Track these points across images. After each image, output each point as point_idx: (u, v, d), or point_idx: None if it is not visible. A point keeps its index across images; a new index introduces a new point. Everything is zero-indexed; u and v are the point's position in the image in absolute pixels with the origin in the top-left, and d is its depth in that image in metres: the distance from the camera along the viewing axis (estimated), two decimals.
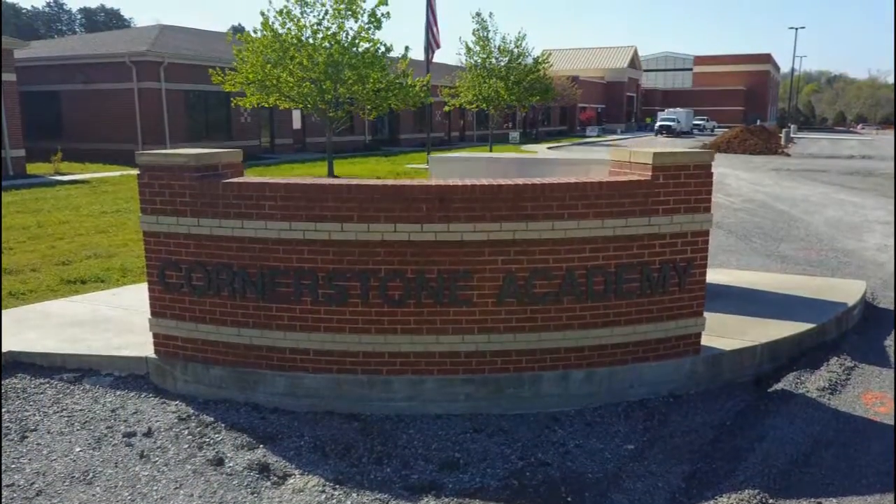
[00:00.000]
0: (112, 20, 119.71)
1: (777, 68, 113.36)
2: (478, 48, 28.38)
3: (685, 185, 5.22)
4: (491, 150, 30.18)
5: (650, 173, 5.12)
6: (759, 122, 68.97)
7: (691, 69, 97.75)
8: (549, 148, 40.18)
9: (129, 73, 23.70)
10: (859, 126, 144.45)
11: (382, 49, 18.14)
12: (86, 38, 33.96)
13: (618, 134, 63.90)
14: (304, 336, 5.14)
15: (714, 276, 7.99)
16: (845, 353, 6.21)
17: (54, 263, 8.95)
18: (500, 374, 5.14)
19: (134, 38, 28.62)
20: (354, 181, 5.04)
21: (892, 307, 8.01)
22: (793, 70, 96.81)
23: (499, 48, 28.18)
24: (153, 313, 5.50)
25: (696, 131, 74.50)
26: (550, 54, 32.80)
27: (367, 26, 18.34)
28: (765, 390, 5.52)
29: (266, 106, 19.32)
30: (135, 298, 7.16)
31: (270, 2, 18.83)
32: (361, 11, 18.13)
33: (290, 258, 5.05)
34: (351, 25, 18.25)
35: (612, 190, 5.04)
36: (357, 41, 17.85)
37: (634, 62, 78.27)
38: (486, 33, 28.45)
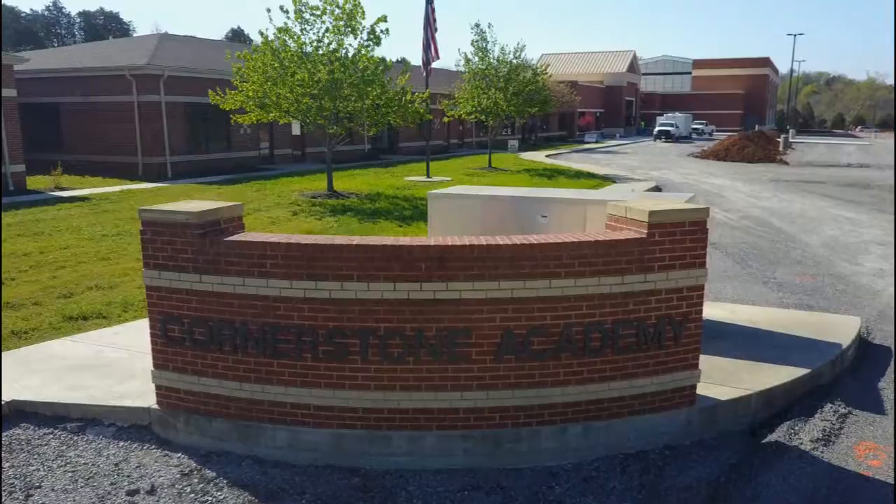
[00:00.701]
0: (111, 24, 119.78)
1: (776, 71, 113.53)
2: (476, 59, 28.46)
3: (681, 241, 5.29)
4: (490, 160, 30.25)
5: (646, 231, 5.20)
6: (756, 127, 69.13)
7: (690, 73, 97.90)
8: (548, 156, 40.27)
9: (128, 87, 23.77)
10: (857, 129, 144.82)
11: (382, 66, 18.20)
12: (85, 48, 34.01)
13: (616, 139, 64.00)
14: (304, 391, 5.21)
15: (712, 310, 8.08)
16: (839, 399, 6.28)
17: (56, 296, 9.02)
18: (498, 429, 5.21)
19: (133, 49, 28.67)
20: (355, 240, 5.12)
21: (886, 343, 8.09)
22: (791, 73, 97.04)
23: (498, 59, 28.23)
24: (155, 365, 5.57)
25: (694, 136, 74.65)
26: (549, 65, 32.88)
27: (366, 43, 18.42)
28: (759, 441, 5.60)
29: (264, 121, 19.37)
30: (136, 337, 7.23)
31: (270, 20, 18.68)
32: (361, 28, 18.21)
33: (290, 315, 5.12)
34: (350, 42, 18.34)
35: (609, 248, 5.12)
36: (357, 58, 17.91)
37: (633, 66, 78.38)
38: (484, 44, 28.53)
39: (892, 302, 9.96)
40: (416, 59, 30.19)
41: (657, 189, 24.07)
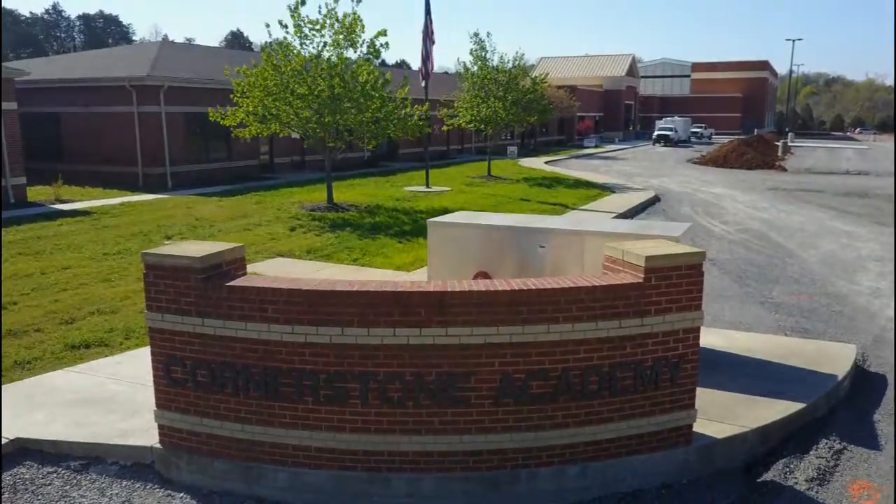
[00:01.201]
0: (110, 27, 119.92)
1: (774, 74, 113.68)
2: (476, 68, 28.53)
3: (677, 285, 5.36)
4: (489, 168, 30.29)
5: (643, 275, 5.27)
6: (756, 132, 69.31)
7: (689, 76, 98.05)
8: (547, 162, 40.34)
9: (129, 97, 23.83)
10: (856, 130, 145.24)
11: (382, 80, 18.28)
12: (86, 56, 34.05)
13: (615, 143, 64.07)
14: (305, 434, 5.27)
15: (708, 338, 8.15)
16: (834, 434, 6.35)
17: (58, 322, 9.08)
18: (496, 471, 5.27)
19: (133, 58, 28.74)
20: (356, 285, 5.18)
21: (882, 370, 8.17)
22: (790, 77, 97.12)
23: (497, 68, 28.30)
24: (158, 405, 5.64)
25: (693, 139, 74.82)
26: (548, 73, 32.94)
27: (366, 56, 18.50)
28: (755, 480, 5.67)
29: (264, 135, 19.44)
30: (138, 367, 7.30)
31: (270, 34, 18.76)
32: (360, 42, 18.29)
33: (292, 360, 5.19)
34: (350, 55, 18.41)
35: (606, 294, 5.19)
36: (357, 72, 17.98)
37: (632, 70, 78.48)
38: (483, 53, 28.61)
39: (887, 325, 10.03)
40: (414, 60, 30.09)
41: (657, 199, 24.16)
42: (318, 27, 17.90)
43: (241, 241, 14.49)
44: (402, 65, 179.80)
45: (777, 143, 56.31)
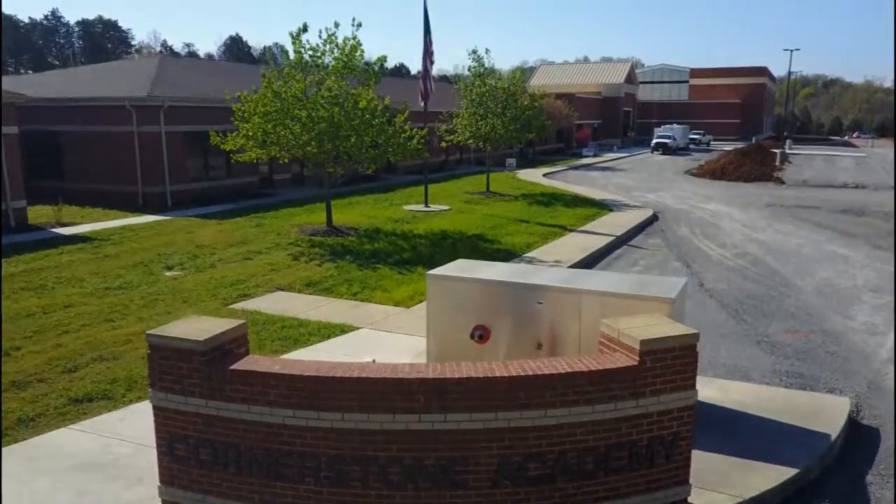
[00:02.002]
0: (109, 31, 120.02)
1: (773, 79, 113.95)
2: (475, 85, 28.67)
3: (671, 366, 5.47)
4: (488, 184, 30.38)
5: (637, 358, 5.37)
6: (753, 140, 69.48)
7: (687, 81, 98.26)
8: (546, 175, 40.45)
9: (128, 117, 23.91)
10: (854, 134, 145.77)
11: (381, 105, 18.39)
12: (85, 71, 34.15)
13: (614, 151, 64.18)
14: None
15: (704, 390, 8.22)
16: (827, 501, 6.45)
17: (60, 370, 9.17)
18: None
19: (132, 74, 28.85)
20: (356, 371, 5.28)
21: (875, 423, 8.28)
22: (788, 83, 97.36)
23: (496, 85, 28.44)
24: (162, 480, 5.73)
25: (692, 146, 75.02)
26: (546, 94, 33.05)
27: (366, 82, 18.63)
28: None
29: (264, 159, 19.54)
30: (141, 426, 7.36)
31: (271, 60, 18.86)
32: (361, 69, 18.40)
33: (294, 442, 5.29)
34: (351, 82, 18.53)
35: (602, 377, 5.29)
36: (356, 98, 18.10)
37: (631, 77, 78.68)
38: (482, 69, 28.74)
39: (881, 368, 10.15)
40: (412, 63, 30.57)
41: (655, 218, 24.27)
42: (319, 53, 18.02)
43: (241, 271, 14.74)
44: (400, 68, 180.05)
45: (775, 151, 56.53)
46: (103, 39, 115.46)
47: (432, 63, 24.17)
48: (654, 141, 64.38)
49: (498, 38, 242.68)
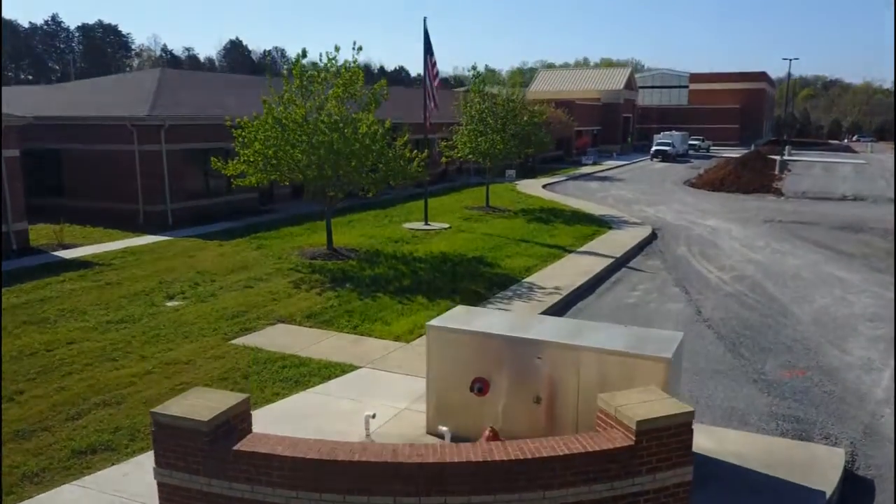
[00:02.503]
0: (109, 36, 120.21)
1: (772, 84, 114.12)
2: (474, 101, 28.81)
3: (667, 444, 5.57)
4: (487, 199, 30.46)
5: (634, 437, 5.47)
6: (753, 146, 69.60)
7: (687, 86, 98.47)
8: (545, 186, 40.56)
9: (129, 136, 24.02)
10: (854, 137, 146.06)
11: (382, 130, 18.50)
12: (86, 86, 34.22)
13: (613, 158, 64.30)
14: None
15: (700, 440, 8.32)
16: None
17: (64, 418, 9.27)
18: None
19: (132, 89, 28.93)
20: (356, 454, 5.38)
21: (870, 474, 8.38)
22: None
23: (495, 101, 28.58)
24: None
25: (691, 152, 75.22)
26: (546, 100, 33.15)
27: (366, 106, 18.75)
28: None
29: (265, 183, 19.64)
30: (143, 481, 7.43)
31: (271, 86, 18.95)
32: (361, 94, 18.52)
33: None
34: (351, 106, 18.64)
35: (599, 458, 5.39)
36: (357, 124, 18.21)
37: (631, 83, 78.82)
38: (482, 86, 28.88)
39: (877, 409, 10.25)
40: (412, 66, 30.78)
41: (654, 236, 24.36)
42: (319, 79, 18.13)
43: (242, 301, 14.85)
44: (400, 71, 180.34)
45: (775, 158, 56.67)
46: (103, 44, 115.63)
47: (436, 81, 24.26)
48: (654, 148, 64.50)
49: (497, 39, 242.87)
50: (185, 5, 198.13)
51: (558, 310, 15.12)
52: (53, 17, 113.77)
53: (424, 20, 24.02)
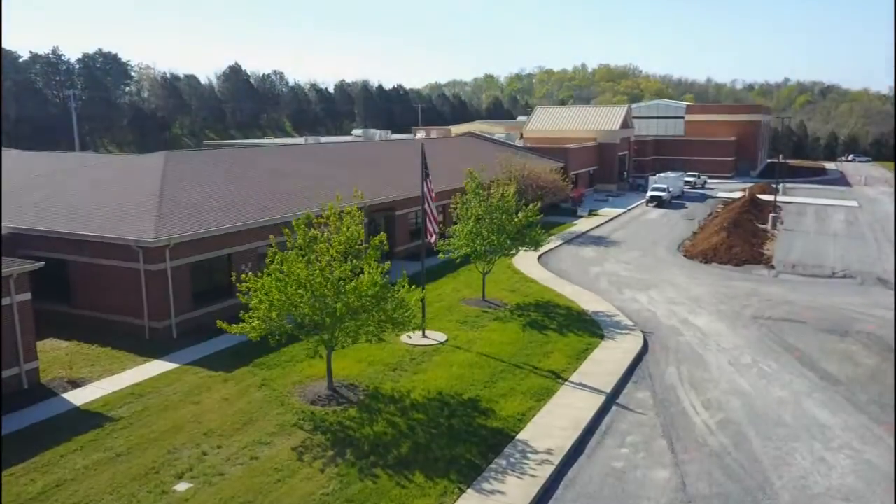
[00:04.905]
0: (110, 64, 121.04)
1: (768, 111, 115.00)
2: (472, 203, 29.67)
3: None
4: (484, 290, 31.22)
5: None
6: (747, 191, 70.35)
7: (683, 117, 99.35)
8: (540, 258, 41.26)
9: (135, 255, 24.75)
10: (849, 157, 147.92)
11: (382, 290, 19.26)
12: (87, 177, 34.79)
13: (608, 204, 65.13)
14: None
15: None
16: None
17: None
18: None
19: (138, 179, 29.62)
20: None
21: None
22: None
23: (493, 205, 29.44)
24: None
25: (687, 189, 76.26)
26: (543, 172, 33.83)
27: (367, 261, 19.52)
28: None
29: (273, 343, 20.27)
30: None
31: (272, 245, 19.73)
32: (362, 252, 19.31)
33: None
34: (355, 262, 19.41)
35: None
36: (359, 284, 18.97)
37: (626, 122, 79.70)
38: (481, 192, 29.86)
39: None
40: (412, 81, 31.55)
41: (644, 351, 25.12)
42: (321, 241, 18.93)
43: (249, 485, 15.57)
44: (398, 89, 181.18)
45: (768, 199, 57.76)
46: (102, 74, 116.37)
47: (434, 201, 25.04)
48: (649, 194, 65.47)
49: (496, 45, 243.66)
50: (185, 30, 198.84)
51: (550, 484, 15.97)
52: (54, 50, 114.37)
53: (422, 146, 24.78)
